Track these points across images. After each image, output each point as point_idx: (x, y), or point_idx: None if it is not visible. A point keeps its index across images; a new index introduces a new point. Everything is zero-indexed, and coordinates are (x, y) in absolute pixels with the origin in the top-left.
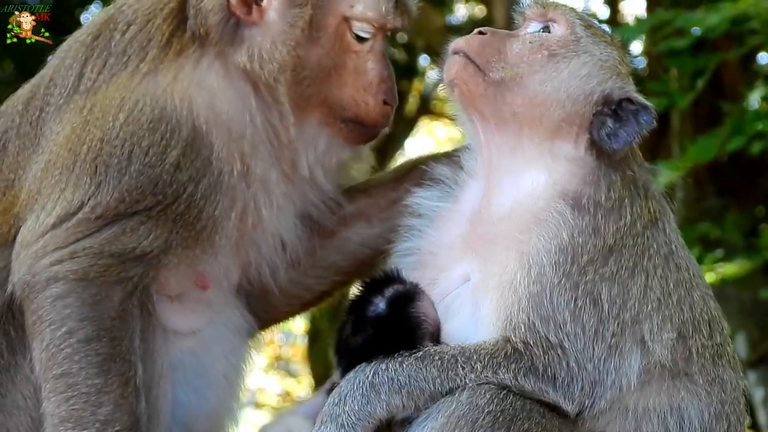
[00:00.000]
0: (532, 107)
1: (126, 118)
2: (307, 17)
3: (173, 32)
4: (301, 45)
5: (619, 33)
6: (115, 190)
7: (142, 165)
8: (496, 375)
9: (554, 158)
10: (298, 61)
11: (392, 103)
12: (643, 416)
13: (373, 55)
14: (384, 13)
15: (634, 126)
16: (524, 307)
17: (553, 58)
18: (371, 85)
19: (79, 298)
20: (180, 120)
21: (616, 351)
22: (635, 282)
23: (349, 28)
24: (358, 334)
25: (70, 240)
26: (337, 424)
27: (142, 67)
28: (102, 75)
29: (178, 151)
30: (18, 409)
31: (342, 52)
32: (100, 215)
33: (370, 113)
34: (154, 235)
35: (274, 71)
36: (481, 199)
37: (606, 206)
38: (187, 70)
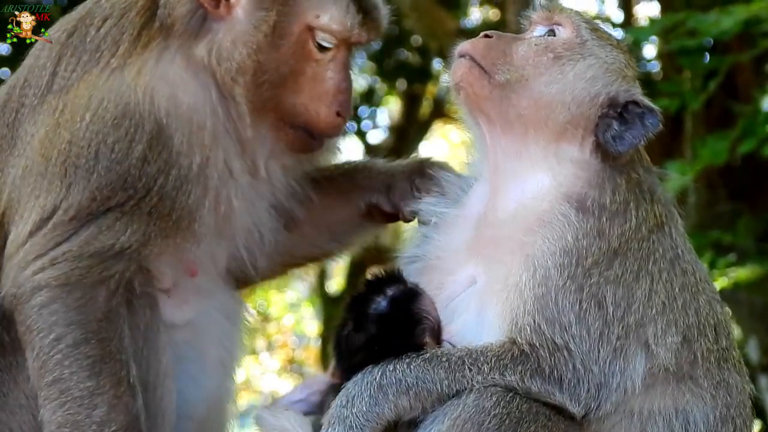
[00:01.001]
0: (538, 109)
1: (92, 117)
2: (271, 22)
3: (144, 25)
4: (262, 49)
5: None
6: (86, 189)
7: (109, 162)
8: (503, 377)
9: (559, 161)
10: (258, 66)
11: (345, 115)
12: (648, 419)
13: (334, 65)
14: (349, 27)
15: (640, 129)
16: (530, 310)
17: (559, 61)
18: (326, 95)
19: (64, 303)
20: (143, 114)
21: (621, 354)
22: (640, 285)
23: (312, 37)
24: (359, 331)
25: (48, 246)
26: (346, 426)
27: (112, 62)
28: (75, 73)
29: (144, 145)
30: (20, 408)
31: (302, 60)
32: (74, 216)
33: (320, 122)
34: (131, 230)
35: (232, 70)
36: (487, 202)
37: (611, 209)
38: (150, 64)
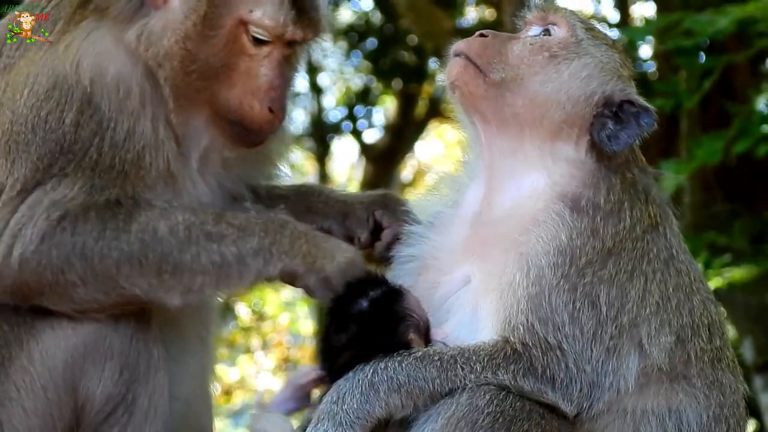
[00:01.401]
0: (533, 108)
1: (28, 93)
2: (201, 13)
3: (80, 5)
4: (191, 39)
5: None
6: (27, 161)
7: (44, 132)
8: (496, 376)
9: (554, 160)
10: (186, 54)
11: (278, 112)
12: (641, 419)
13: (269, 61)
14: (282, 24)
15: (635, 128)
16: (523, 309)
17: (554, 60)
18: (259, 90)
19: (56, 240)
20: (71, 83)
21: (614, 353)
22: (634, 285)
23: (246, 31)
24: (341, 332)
25: (1, 226)
26: (335, 423)
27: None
28: (18, 52)
29: (74, 113)
30: (10, 401)
31: (235, 54)
32: (20, 189)
33: (254, 118)
34: (78, 185)
35: (159, 55)
36: (482, 201)
37: (605, 209)
38: (79, 39)
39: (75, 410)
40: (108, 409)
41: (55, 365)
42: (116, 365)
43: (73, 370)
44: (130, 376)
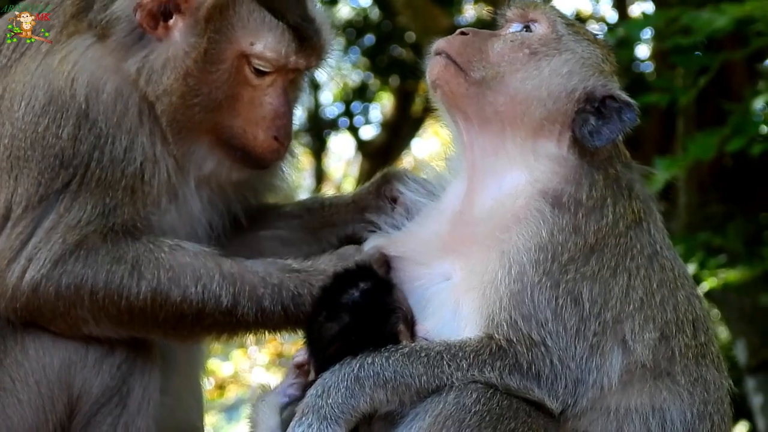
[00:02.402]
0: (514, 105)
1: (25, 107)
2: (202, 49)
3: (74, 14)
4: (192, 75)
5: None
6: (29, 176)
7: (43, 147)
8: (482, 373)
9: (536, 157)
10: (186, 89)
11: (283, 140)
12: (624, 417)
13: (273, 90)
14: (284, 55)
15: (617, 123)
16: (506, 306)
17: (534, 56)
18: (264, 120)
19: (70, 270)
20: (66, 98)
21: (598, 350)
22: (617, 282)
23: (248, 63)
24: (333, 321)
25: (16, 248)
26: (320, 416)
27: (42, 47)
28: (14, 53)
29: (71, 127)
30: (5, 391)
31: (238, 85)
32: (26, 206)
33: (258, 147)
34: (90, 205)
35: (158, 91)
36: (463, 199)
37: (587, 205)
38: (76, 53)
39: (69, 403)
40: (103, 400)
41: (50, 362)
42: (115, 361)
43: (70, 367)
44: (128, 369)
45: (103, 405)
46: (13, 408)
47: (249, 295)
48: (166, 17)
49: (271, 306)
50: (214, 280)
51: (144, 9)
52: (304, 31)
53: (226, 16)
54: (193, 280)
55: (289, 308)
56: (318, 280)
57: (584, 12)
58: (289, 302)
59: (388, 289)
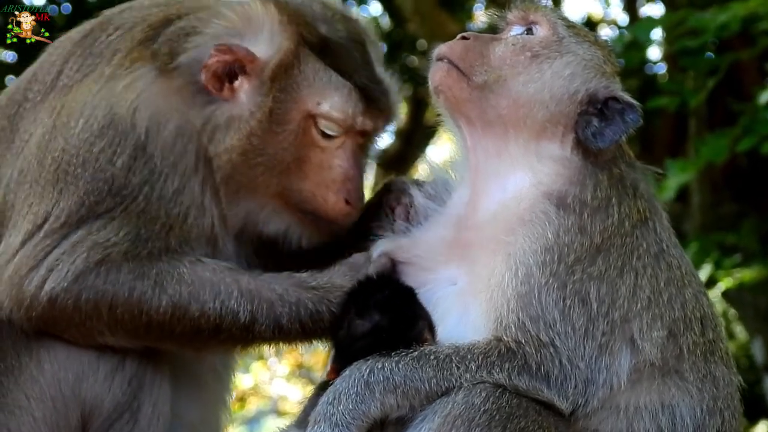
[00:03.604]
0: (517, 109)
1: (83, 125)
2: (267, 109)
3: (141, 41)
4: (255, 135)
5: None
6: (75, 194)
7: (94, 170)
8: (491, 375)
9: (540, 159)
10: (250, 148)
11: (354, 203)
12: (634, 415)
13: (342, 152)
14: (351, 115)
15: (620, 125)
16: (513, 308)
17: (536, 59)
18: (334, 183)
19: (91, 286)
20: (126, 127)
21: (607, 350)
22: (624, 281)
23: (314, 124)
24: (364, 318)
25: (39, 257)
26: (331, 423)
27: (106, 70)
28: (77, 74)
29: (127, 156)
30: (20, 409)
31: (305, 146)
32: (64, 222)
33: (328, 210)
34: (124, 232)
35: (219, 149)
36: (468, 204)
37: (592, 205)
38: (140, 83)
39: (82, 418)
40: (114, 416)
41: (65, 376)
42: (126, 375)
43: (82, 382)
44: (138, 384)
45: (115, 421)
46: (28, 426)
47: (267, 312)
48: (231, 79)
49: (289, 323)
50: (232, 297)
51: (209, 70)
52: (371, 92)
53: (291, 75)
54: (212, 296)
55: (307, 325)
56: (335, 296)
57: (595, 15)
58: (308, 319)
59: (414, 294)
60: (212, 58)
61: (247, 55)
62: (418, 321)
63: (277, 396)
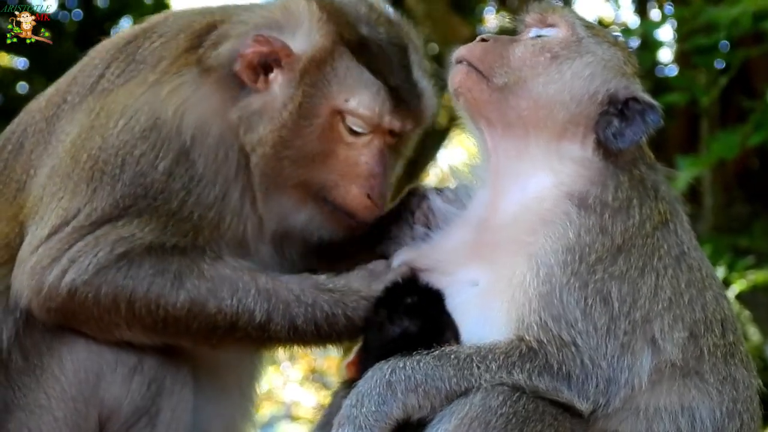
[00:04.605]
0: (537, 110)
1: (124, 125)
2: (297, 102)
3: (187, 49)
4: (286, 126)
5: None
6: (110, 196)
7: (134, 173)
8: (511, 375)
9: (560, 160)
10: (279, 140)
11: (377, 200)
12: (654, 416)
13: (369, 150)
14: (378, 113)
15: (640, 125)
16: (535, 308)
17: (556, 60)
18: (358, 178)
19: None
20: (171, 131)
21: (629, 349)
22: (645, 281)
23: (342, 120)
24: (394, 323)
25: (63, 249)
26: (355, 426)
27: (150, 76)
28: (119, 79)
29: (169, 161)
30: (40, 408)
31: (332, 141)
32: (94, 221)
33: (351, 201)
34: (150, 227)
35: (254, 141)
36: (489, 205)
37: (613, 206)
38: (186, 88)
39: (101, 420)
40: (133, 420)
41: (86, 376)
42: (145, 379)
43: (102, 382)
44: (157, 388)
45: (133, 424)
46: (49, 426)
47: (282, 312)
48: (266, 71)
49: (304, 325)
50: (249, 295)
51: (245, 60)
52: (402, 93)
53: (323, 70)
54: (229, 293)
55: (323, 327)
56: (352, 300)
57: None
58: (323, 322)
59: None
60: (249, 48)
61: (283, 48)
62: (446, 329)
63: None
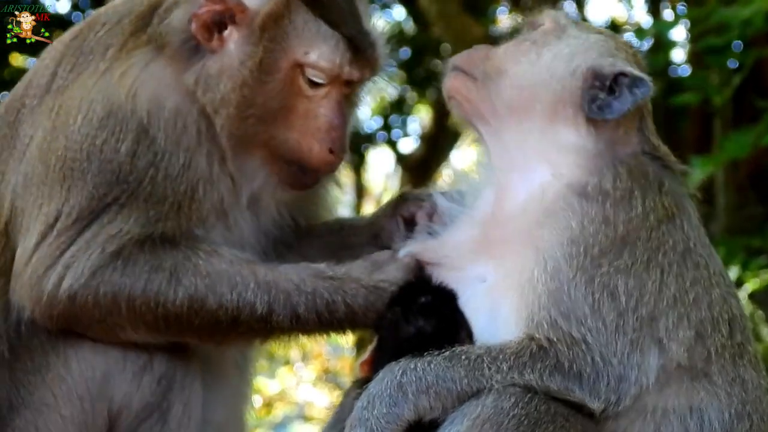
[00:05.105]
0: (521, 94)
1: (82, 120)
2: (258, 58)
3: (133, 32)
4: (247, 84)
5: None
6: (83, 189)
7: (99, 161)
8: (522, 376)
9: (557, 150)
10: (242, 100)
11: (338, 152)
12: (662, 418)
13: (327, 102)
14: (339, 64)
15: (628, 96)
16: (544, 304)
17: (536, 46)
18: (318, 131)
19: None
20: (126, 113)
21: (638, 347)
22: (650, 277)
23: (302, 73)
24: (409, 322)
25: (55, 255)
26: (367, 428)
27: (100, 66)
28: (71, 74)
29: (129, 142)
30: (47, 407)
31: (292, 96)
32: (76, 218)
33: (313, 158)
34: (134, 218)
35: (216, 101)
36: (494, 202)
37: (614, 196)
38: (135, 69)
39: (110, 418)
40: (143, 415)
41: (93, 375)
42: (155, 376)
43: (110, 380)
44: (168, 384)
45: (143, 420)
46: (56, 424)
47: (283, 303)
48: (221, 29)
49: (306, 313)
50: (249, 288)
51: (199, 20)
52: (359, 43)
53: (281, 25)
54: (228, 288)
55: (323, 315)
56: (351, 288)
57: (619, 19)
58: (323, 309)
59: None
60: (203, 7)
61: (237, 5)
62: (460, 329)
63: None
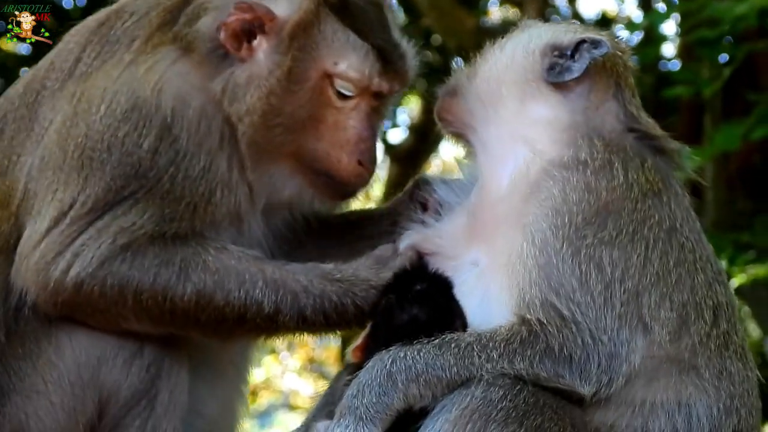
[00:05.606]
0: (490, 85)
1: (105, 110)
2: (286, 67)
3: (160, 26)
4: (275, 94)
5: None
6: (101, 180)
7: (120, 154)
8: (512, 364)
9: (533, 126)
10: (269, 108)
11: (367, 165)
12: (650, 412)
13: (357, 113)
14: (368, 75)
15: (586, 57)
16: (535, 280)
17: (498, 42)
18: (347, 143)
19: (116, 272)
20: (151, 108)
21: (626, 322)
22: (635, 249)
23: (331, 84)
24: (403, 310)
25: (66, 243)
26: (356, 417)
27: (125, 56)
28: (96, 61)
29: (153, 138)
30: (37, 394)
31: (321, 106)
32: (90, 208)
33: (341, 170)
34: (148, 214)
35: (240, 111)
36: (482, 188)
37: (594, 165)
38: (162, 64)
39: (99, 404)
40: (132, 403)
41: (84, 362)
42: (144, 362)
43: (101, 367)
44: (156, 371)
45: (132, 407)
46: (45, 410)
47: (291, 303)
48: (249, 38)
49: (313, 315)
50: (257, 286)
51: (228, 28)
52: (388, 54)
53: (310, 34)
54: (236, 285)
55: (332, 317)
56: (360, 290)
57: (610, 12)
58: (332, 312)
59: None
60: (232, 16)
61: (267, 13)
62: (455, 318)
63: (289, 390)
